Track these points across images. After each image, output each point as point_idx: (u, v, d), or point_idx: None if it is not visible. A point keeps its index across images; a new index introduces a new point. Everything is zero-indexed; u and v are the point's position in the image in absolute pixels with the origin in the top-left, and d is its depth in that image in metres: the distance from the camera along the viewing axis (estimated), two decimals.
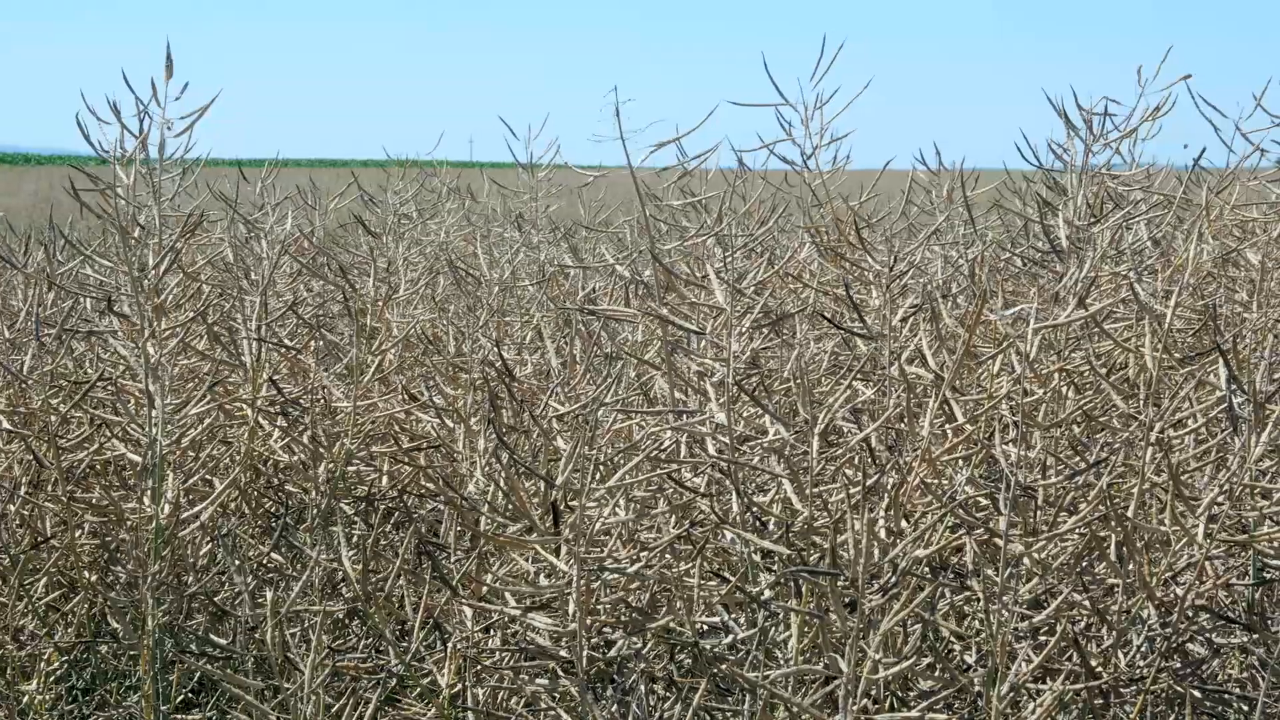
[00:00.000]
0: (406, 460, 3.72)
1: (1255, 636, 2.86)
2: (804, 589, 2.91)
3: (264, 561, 3.57)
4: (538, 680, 3.02)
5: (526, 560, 3.11)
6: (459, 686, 3.13)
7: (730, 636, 3.07)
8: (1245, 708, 2.83)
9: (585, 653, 2.85)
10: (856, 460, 3.11)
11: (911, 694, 2.95)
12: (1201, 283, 4.18)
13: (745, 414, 3.34)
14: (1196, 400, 3.20)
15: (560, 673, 2.99)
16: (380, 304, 3.99)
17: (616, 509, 3.08)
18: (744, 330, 3.23)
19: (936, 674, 2.87)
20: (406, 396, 3.79)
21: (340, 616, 3.51)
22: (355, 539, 3.57)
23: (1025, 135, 3.92)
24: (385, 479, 3.78)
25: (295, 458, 3.68)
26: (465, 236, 5.45)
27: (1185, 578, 2.93)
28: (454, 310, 4.35)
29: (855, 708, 2.55)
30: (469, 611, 3.13)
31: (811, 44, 3.65)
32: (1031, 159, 3.92)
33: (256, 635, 3.31)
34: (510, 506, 3.09)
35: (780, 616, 3.05)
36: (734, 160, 4.53)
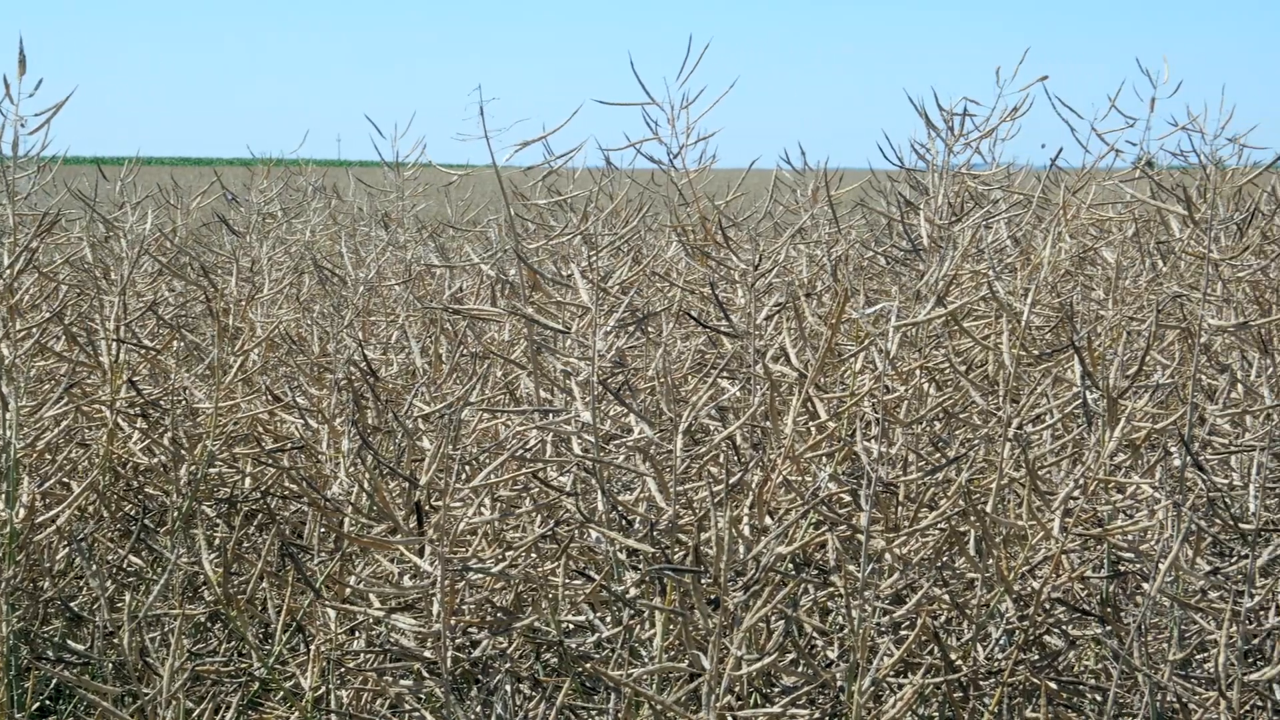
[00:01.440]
0: (270, 461, 3.68)
1: (1108, 628, 2.92)
2: (668, 587, 2.92)
3: (123, 565, 3.52)
4: (402, 682, 3.00)
5: (391, 561, 3.09)
6: (322, 689, 3.10)
7: (595, 635, 3.08)
8: (1099, 698, 2.88)
9: (450, 653, 2.83)
10: (721, 458, 3.13)
11: (775, 690, 2.97)
12: (1060, 281, 4.25)
13: (611, 413, 3.34)
14: (1054, 396, 3.25)
15: (425, 674, 2.97)
16: (243, 304, 3.95)
17: (481, 509, 3.07)
18: (609, 329, 3.24)
19: (799, 670, 2.89)
20: (270, 397, 3.75)
21: (201, 620, 3.47)
22: (217, 541, 3.53)
23: (888, 136, 3.97)
24: (248, 480, 3.75)
25: (155, 460, 3.63)
26: (331, 235, 5.41)
27: (1042, 571, 2.97)
28: (319, 310, 4.32)
29: (719, 704, 2.56)
30: (333, 613, 3.11)
31: (678, 43, 3.66)
32: (894, 159, 3.97)
33: (115, 640, 3.26)
34: (374, 507, 3.07)
35: (645, 615, 3.06)
36: (601, 159, 4.54)
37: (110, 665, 3.26)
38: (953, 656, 2.96)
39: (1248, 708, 2.85)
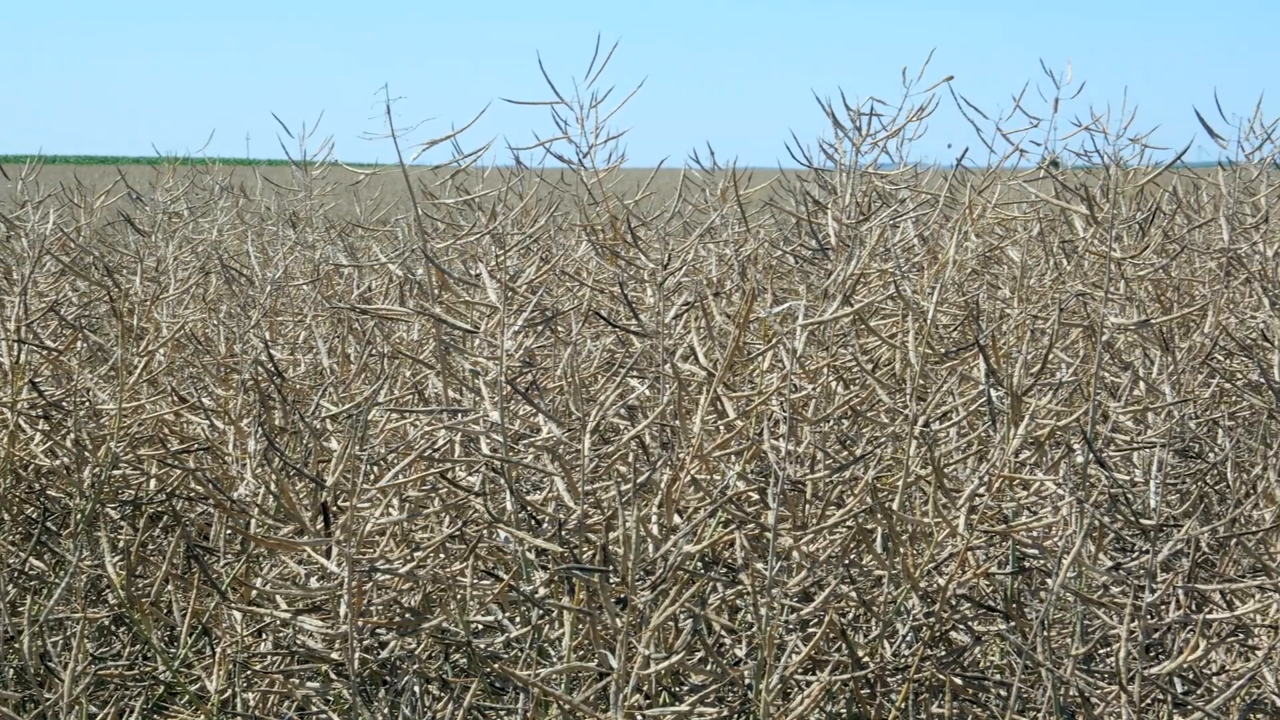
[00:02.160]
0: (175, 463, 3.65)
1: (1012, 624, 2.94)
2: (577, 586, 2.91)
3: (24, 569, 3.47)
4: (309, 684, 2.98)
5: (298, 563, 3.07)
6: (228, 692, 3.08)
7: (504, 635, 3.07)
8: (1003, 694, 2.91)
9: (357, 655, 2.82)
10: (630, 457, 3.13)
11: (684, 688, 2.97)
12: (966, 280, 4.29)
13: (520, 412, 3.34)
14: (960, 394, 3.28)
15: (332, 676, 2.96)
16: (148, 304, 3.91)
17: (389, 509, 3.06)
18: (518, 329, 3.23)
19: (708, 668, 2.90)
20: (175, 398, 3.71)
21: (105, 623, 3.43)
22: (121, 544, 3.49)
23: (795, 136, 3.99)
24: (153, 482, 3.71)
25: (58, 462, 3.59)
26: (238, 235, 5.37)
27: (948, 568, 3.00)
28: (225, 310, 4.28)
29: (627, 703, 2.57)
30: (239, 615, 3.09)
31: (587, 42, 3.67)
32: (802, 159, 3.99)
33: (15, 645, 3.22)
34: (280, 509, 3.05)
35: (554, 614, 3.06)
36: (511, 158, 4.53)
37: (10, 670, 3.22)
38: (860, 653, 2.98)
39: (1149, 701, 2.88)
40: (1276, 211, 4.14)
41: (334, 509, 2.93)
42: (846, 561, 3.04)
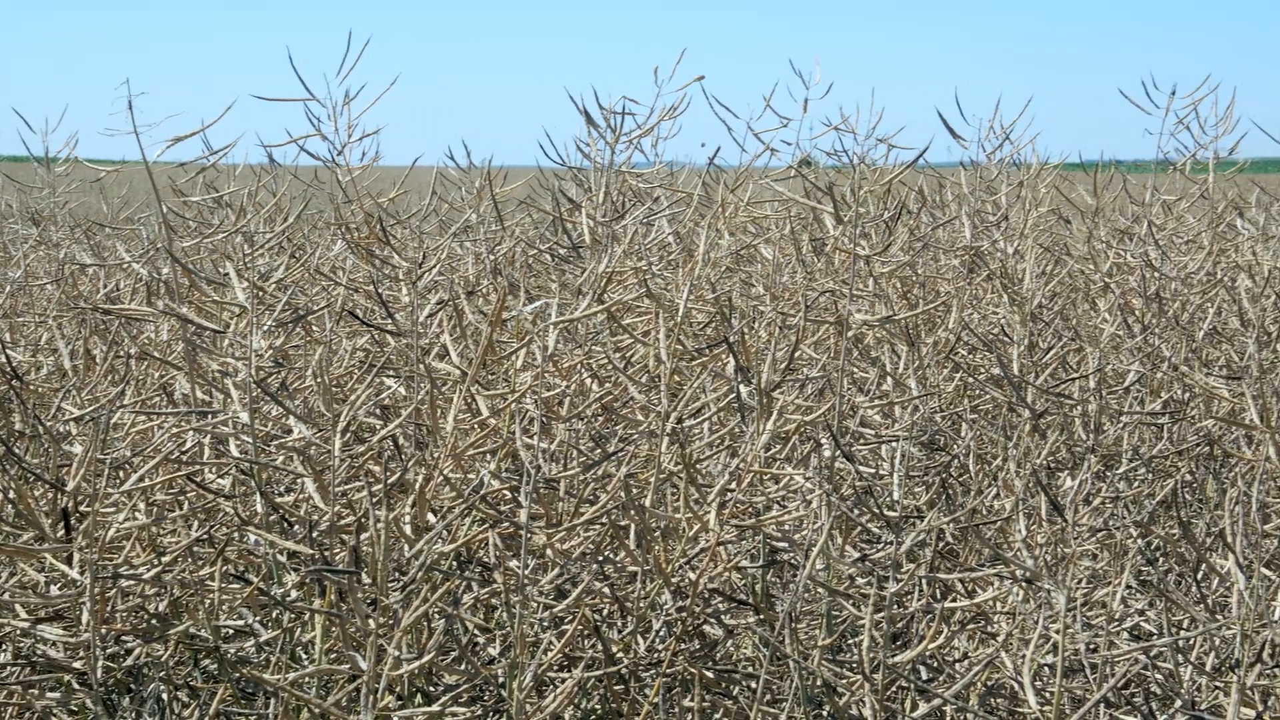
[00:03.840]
0: None
1: (761, 617, 2.99)
2: (328, 588, 2.88)
3: None
4: (50, 694, 2.90)
5: (38, 570, 2.98)
6: None
7: (255, 639, 3.03)
8: (752, 686, 2.95)
9: (100, 663, 2.75)
10: (384, 457, 3.11)
11: (438, 688, 2.96)
12: (721, 277, 4.34)
13: (272, 413, 3.29)
14: (712, 391, 3.32)
15: (75, 685, 2.88)
16: None
17: (135, 513, 2.99)
18: (267, 328, 3.18)
19: (462, 668, 2.89)
20: None
21: None
22: None
23: (549, 134, 4.00)
24: None
25: None
26: None
27: (700, 562, 3.03)
28: None
29: (379, 705, 2.54)
30: None
31: (338, 39, 3.62)
32: (556, 157, 4.00)
33: None
34: (19, 514, 2.96)
35: (306, 617, 3.02)
36: (265, 156, 4.46)
37: None
38: (613, 649, 3.00)
39: (895, 689, 2.95)
40: (1016, 210, 4.27)
41: (76, 514, 2.85)
42: (600, 558, 3.06)
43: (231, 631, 3.08)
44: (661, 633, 3.06)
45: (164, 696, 2.97)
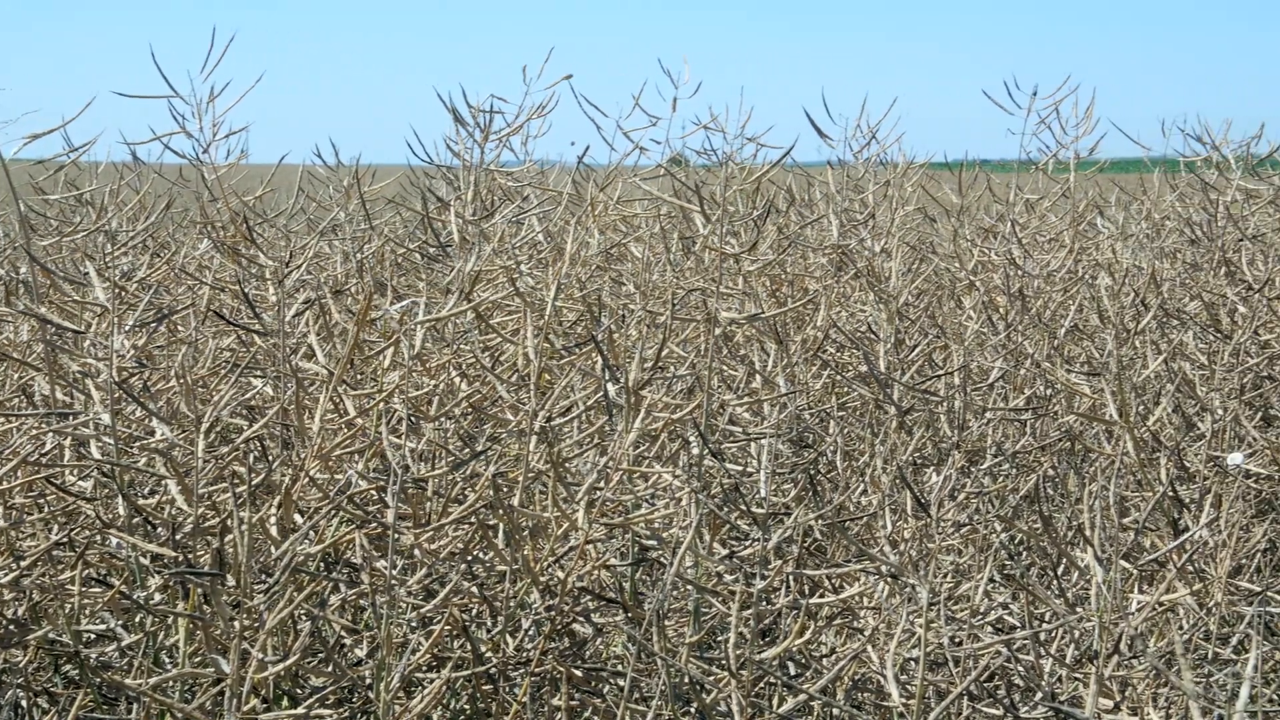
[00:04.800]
0: None
1: (629, 615, 2.99)
2: (192, 591, 2.85)
3: None
4: None
5: None
6: None
7: (117, 644, 2.98)
8: (621, 684, 2.96)
9: None
10: (251, 458, 3.08)
11: (304, 691, 2.94)
12: (592, 276, 4.35)
13: (136, 414, 3.24)
14: (581, 389, 3.32)
15: None
16: None
17: None
18: (129, 328, 3.14)
19: (328, 670, 2.87)
20: None
21: None
22: None
23: (416, 132, 3.98)
24: None
25: None
26: None
27: (568, 561, 3.03)
28: None
29: (243, 709, 2.52)
30: None
31: (202, 36, 3.57)
32: (424, 155, 3.98)
33: None
34: None
35: (170, 621, 2.98)
36: (128, 153, 4.40)
37: None
38: (482, 649, 2.99)
39: (762, 685, 2.97)
40: (883, 208, 4.31)
41: None
42: (468, 558, 3.05)
43: (93, 636, 3.03)
44: (530, 632, 3.06)
45: (23, 703, 2.92)
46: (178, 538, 2.88)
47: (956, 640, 2.83)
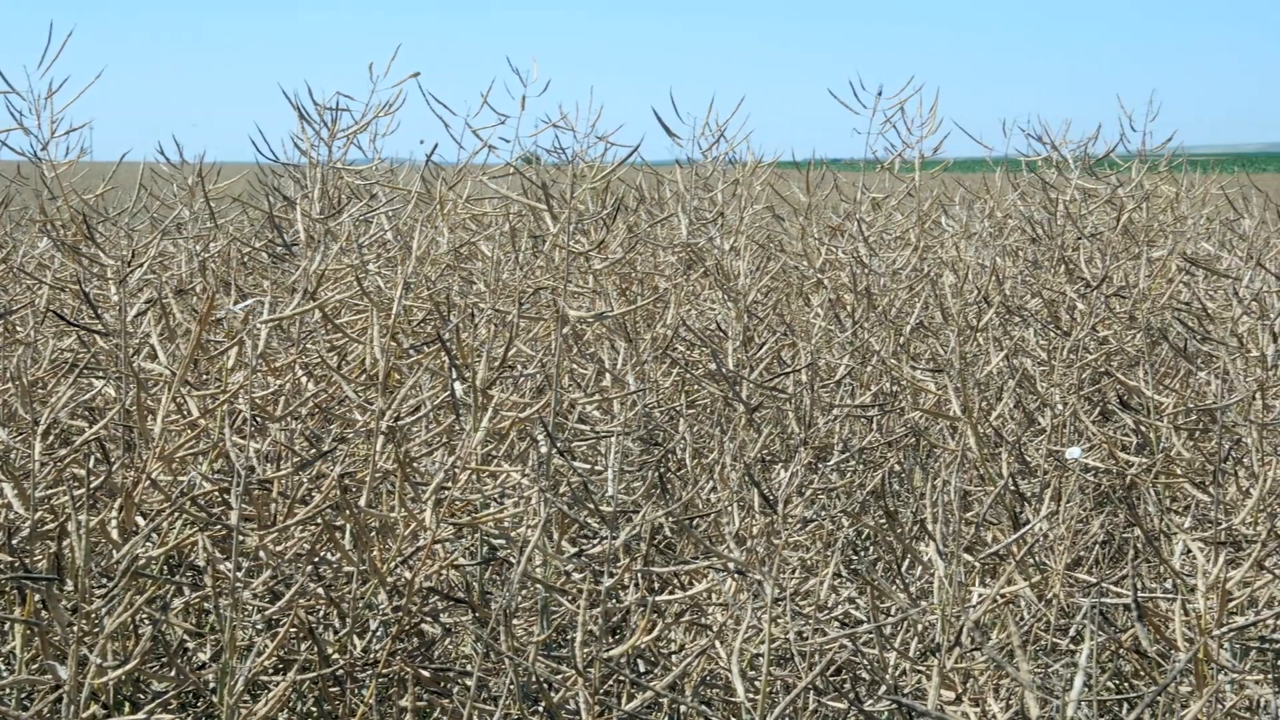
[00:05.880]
0: None
1: (476, 614, 2.98)
2: (29, 596, 2.79)
3: None
4: None
5: None
6: None
7: None
8: (469, 683, 2.94)
9: None
10: (92, 460, 3.02)
11: (146, 696, 2.89)
12: (442, 274, 4.33)
13: None
14: (430, 388, 3.30)
15: None
16: None
17: None
18: None
19: (171, 674, 2.82)
20: None
21: None
22: None
23: (261, 130, 3.93)
24: None
25: None
26: None
27: (416, 561, 3.01)
28: None
29: (81, 715, 2.47)
30: None
31: (39, 31, 3.49)
32: (269, 154, 3.93)
33: None
34: None
35: (6, 627, 2.92)
36: None
37: None
38: (329, 650, 2.96)
39: (611, 683, 2.97)
40: (732, 207, 4.34)
41: None
42: (315, 559, 3.02)
43: None
44: (378, 633, 3.03)
45: None
46: (14, 542, 2.81)
47: (803, 635, 2.86)
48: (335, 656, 2.97)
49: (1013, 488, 3.37)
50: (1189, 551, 2.72)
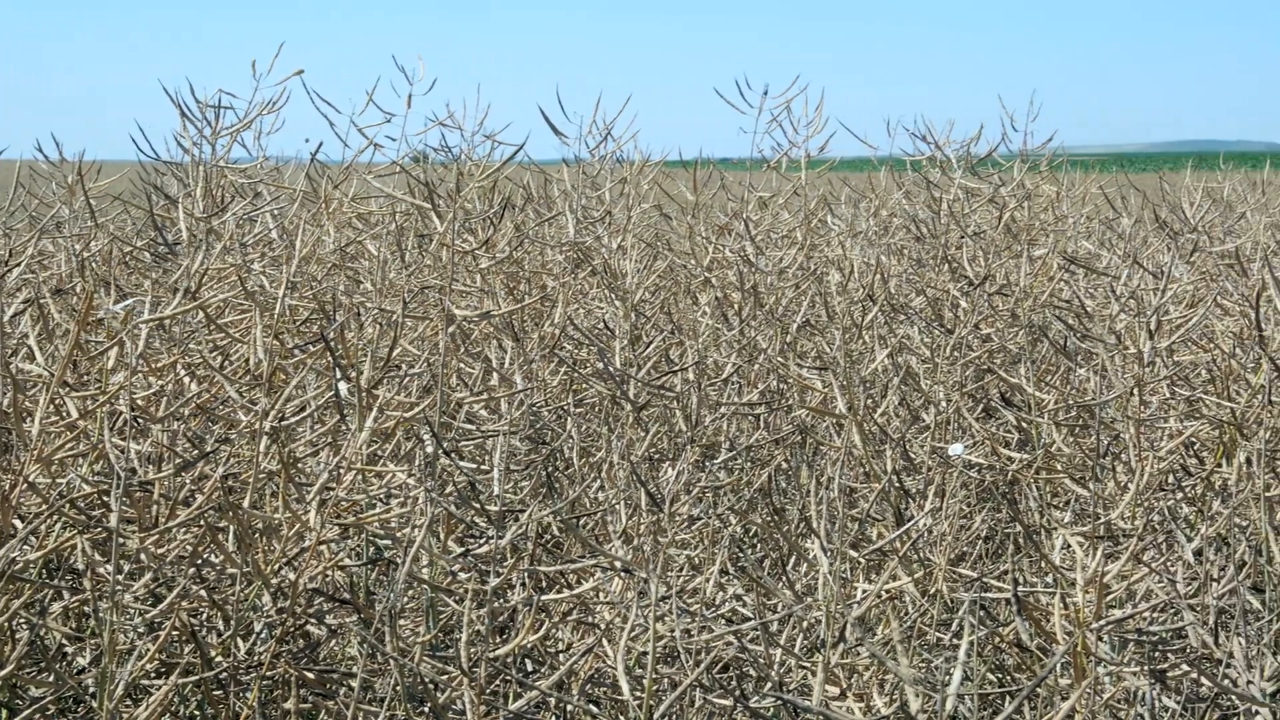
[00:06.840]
0: None
1: (361, 615, 2.97)
2: None
3: None
4: None
5: None
6: None
7: None
8: (354, 685, 2.92)
9: None
10: None
11: (23, 702, 2.84)
12: (328, 274, 4.30)
13: None
14: (315, 389, 3.27)
15: None
16: None
17: None
18: None
19: (49, 679, 2.78)
20: None
21: None
22: None
23: (141, 127, 3.89)
24: None
25: None
26: None
27: (301, 562, 2.99)
28: None
29: None
30: None
31: None
32: (150, 151, 3.89)
33: None
34: None
35: None
36: None
37: None
38: (212, 653, 2.93)
39: (498, 683, 2.97)
40: (619, 206, 4.34)
41: None
42: (197, 561, 2.98)
43: None
44: (262, 635, 3.01)
45: None
46: None
47: (689, 633, 2.86)
48: (219, 659, 2.94)
49: (897, 484, 3.40)
50: (1068, 546, 2.75)
